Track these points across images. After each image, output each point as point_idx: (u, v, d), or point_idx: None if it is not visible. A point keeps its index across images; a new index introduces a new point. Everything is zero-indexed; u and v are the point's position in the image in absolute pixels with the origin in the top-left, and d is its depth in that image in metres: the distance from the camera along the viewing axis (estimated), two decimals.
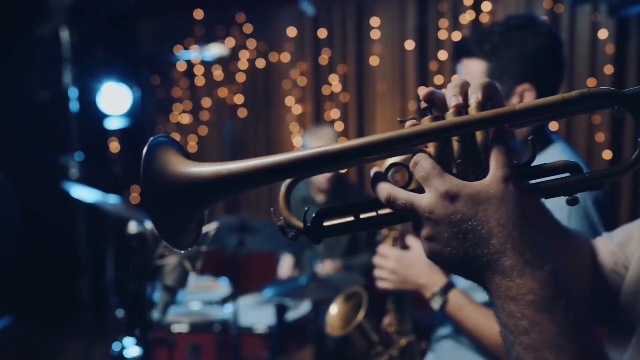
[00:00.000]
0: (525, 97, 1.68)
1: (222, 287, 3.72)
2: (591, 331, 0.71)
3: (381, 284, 1.81)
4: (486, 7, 3.75)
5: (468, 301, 1.69)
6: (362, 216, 0.82)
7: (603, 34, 3.42)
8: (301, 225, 0.82)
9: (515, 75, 1.67)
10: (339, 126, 4.40)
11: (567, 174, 0.79)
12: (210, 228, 1.62)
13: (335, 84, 4.40)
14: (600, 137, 3.55)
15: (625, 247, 1.08)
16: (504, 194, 0.74)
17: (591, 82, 3.54)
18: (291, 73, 4.59)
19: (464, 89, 0.80)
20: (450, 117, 0.77)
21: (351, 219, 0.82)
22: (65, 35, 4.03)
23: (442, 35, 3.92)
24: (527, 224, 0.74)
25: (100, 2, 3.85)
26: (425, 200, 0.75)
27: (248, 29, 4.70)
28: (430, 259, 0.77)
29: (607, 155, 3.55)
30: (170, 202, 0.79)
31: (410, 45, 4.05)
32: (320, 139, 3.59)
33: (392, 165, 0.82)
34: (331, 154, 0.78)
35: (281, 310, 3.09)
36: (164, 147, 0.81)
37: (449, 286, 1.72)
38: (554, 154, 1.71)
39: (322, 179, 3.62)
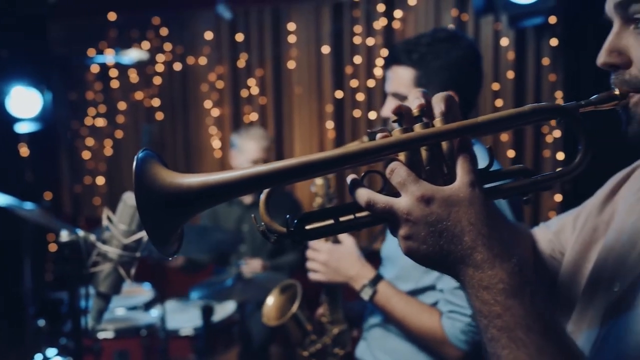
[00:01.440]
0: None
1: (145, 291, 3.71)
2: (552, 310, 0.83)
3: (313, 276, 1.93)
4: (397, 14, 3.93)
5: (395, 291, 1.83)
6: (342, 219, 0.90)
7: (504, 41, 3.67)
8: (283, 229, 0.90)
9: (440, 82, 1.84)
10: None
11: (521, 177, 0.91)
12: (145, 234, 1.66)
13: (252, 87, 4.47)
14: (504, 137, 3.82)
15: (560, 235, 1.24)
16: (472, 196, 0.84)
17: (495, 86, 3.80)
18: (208, 76, 4.62)
19: (427, 100, 0.90)
20: (419, 129, 0.87)
21: (331, 222, 0.90)
22: None
23: (357, 40, 4.08)
24: (493, 222, 0.84)
25: (8, 1, 3.71)
26: (402, 203, 0.84)
27: (164, 31, 4.69)
28: (407, 255, 0.87)
29: (511, 153, 3.81)
30: (162, 211, 0.84)
31: (325, 49, 4.18)
32: (253, 139, 3.66)
33: (367, 172, 0.92)
34: (314, 163, 0.86)
35: (207, 311, 3.13)
36: (150, 160, 0.87)
37: (378, 278, 1.86)
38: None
39: None
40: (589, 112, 0.91)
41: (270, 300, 2.16)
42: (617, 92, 0.90)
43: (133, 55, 3.37)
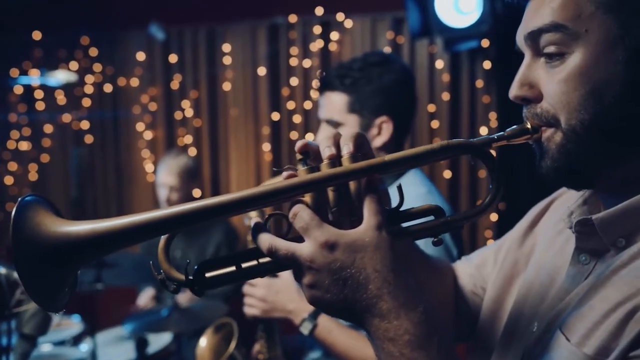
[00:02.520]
0: (383, 128, 1.82)
1: (74, 324, 3.53)
2: None
3: (250, 311, 1.85)
4: (334, 36, 3.93)
5: (336, 324, 1.77)
6: (244, 265, 0.84)
7: (439, 64, 3.73)
8: (182, 277, 0.83)
9: (374, 107, 1.81)
10: (192, 151, 4.36)
11: (432, 217, 0.88)
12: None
13: (187, 109, 4.36)
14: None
15: (482, 269, 1.20)
16: (378, 240, 0.80)
17: (430, 108, 3.84)
18: (141, 98, 4.48)
19: (336, 140, 0.86)
20: (325, 169, 0.83)
21: (233, 268, 0.84)
22: None
23: (293, 62, 4.04)
24: (400, 267, 0.80)
25: None
26: (305, 250, 0.79)
27: (93, 52, 4.52)
28: (312, 304, 0.82)
29: (447, 174, 3.85)
30: (46, 263, 0.77)
31: (262, 71, 4.13)
32: (162, 163, 3.59)
33: (271, 215, 0.86)
34: (212, 207, 0.80)
35: (141, 343, 2.99)
36: (34, 207, 0.80)
37: (317, 311, 1.79)
38: (413, 180, 1.85)
39: (160, 195, 3.61)
40: (503, 146, 0.89)
41: (204, 342, 2.05)
42: (529, 125, 0.87)
43: (60, 76, 3.22)
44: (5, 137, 4.86)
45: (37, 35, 4.61)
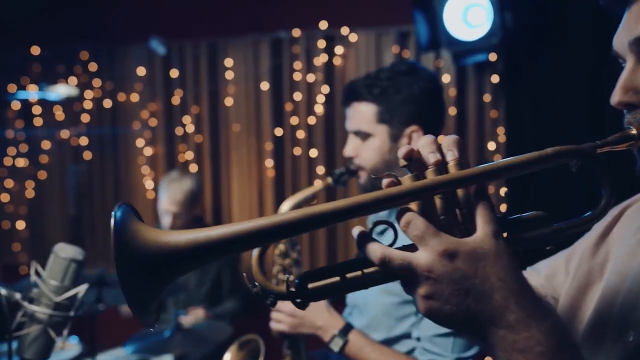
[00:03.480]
0: (413, 137, 1.78)
1: (72, 346, 3.42)
2: None
3: (277, 327, 1.79)
4: (338, 50, 3.88)
5: (368, 341, 1.71)
6: (348, 276, 0.81)
7: (446, 78, 3.67)
8: (282, 290, 0.80)
9: (404, 116, 1.79)
10: (193, 167, 4.29)
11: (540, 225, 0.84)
12: (80, 290, 1.47)
13: (188, 124, 4.29)
14: None
15: (552, 279, 1.17)
16: (497, 248, 0.76)
17: None
18: (141, 113, 4.41)
19: (438, 146, 0.83)
20: (432, 175, 0.79)
21: (337, 279, 0.81)
22: None
23: (297, 76, 3.98)
24: (523, 276, 0.77)
25: None
26: (423, 259, 0.76)
27: (93, 67, 4.45)
28: (427, 316, 0.78)
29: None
30: (146, 275, 0.75)
31: (264, 86, 4.06)
32: (165, 189, 3.51)
33: (376, 223, 0.83)
34: (320, 215, 0.77)
35: None
36: (129, 217, 0.78)
37: (348, 327, 1.72)
38: None
39: (164, 222, 3.51)
40: (605, 152, 0.86)
41: (228, 358, 1.96)
42: (633, 131, 0.85)
43: (61, 91, 3.14)
44: (2, 154, 4.77)
45: (35, 50, 4.55)
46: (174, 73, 4.28)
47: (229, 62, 4.14)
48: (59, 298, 1.46)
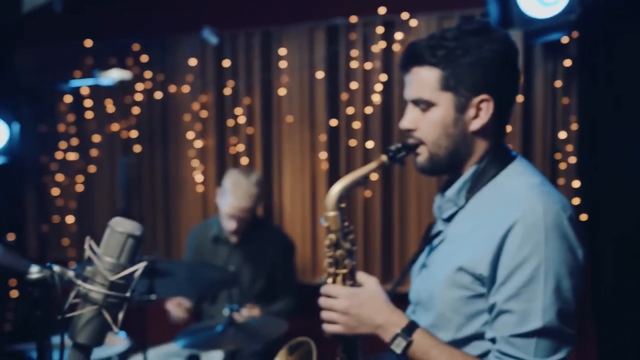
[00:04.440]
0: (482, 108, 1.56)
1: (120, 340, 3.32)
2: None
3: (330, 328, 1.57)
4: (398, 36, 3.70)
5: (435, 342, 1.50)
6: None
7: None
8: None
9: (472, 83, 1.54)
10: (244, 160, 4.16)
11: None
12: (137, 268, 1.32)
13: (239, 116, 4.17)
14: None
15: None
16: None
17: None
18: (192, 105, 4.30)
19: None
20: None
21: None
22: None
23: (353, 64, 3.82)
24: None
25: None
26: None
27: (144, 59, 4.38)
28: None
29: None
30: None
31: (319, 75, 3.91)
32: (233, 195, 3.29)
33: None
34: None
35: None
36: None
37: (412, 325, 1.52)
38: (522, 169, 1.59)
39: (228, 227, 3.35)
40: None
41: None
42: None
43: (114, 75, 3.04)
44: (53, 148, 4.75)
45: (88, 43, 4.51)
46: (226, 63, 4.16)
47: (282, 50, 4.00)
48: (115, 277, 1.31)
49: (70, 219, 4.74)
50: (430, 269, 1.64)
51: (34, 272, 1.31)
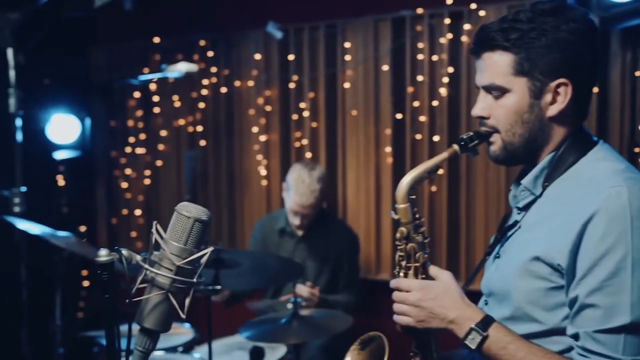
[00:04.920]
0: (560, 93, 1.47)
1: (184, 331, 3.37)
2: None
3: (403, 320, 1.52)
4: (466, 27, 3.59)
5: (512, 337, 1.42)
6: None
7: None
8: None
9: (548, 67, 1.45)
10: (308, 154, 4.15)
11: None
12: (204, 253, 1.31)
13: (304, 110, 4.15)
14: None
15: None
16: None
17: None
18: (256, 100, 4.32)
19: None
20: None
21: None
22: (11, 56, 3.67)
23: (419, 57, 3.74)
24: None
25: (52, 20, 3.50)
26: None
27: (210, 54, 4.43)
28: None
29: None
30: None
31: (385, 68, 3.85)
32: (297, 192, 3.25)
33: None
34: None
35: (257, 354, 2.75)
36: None
37: (488, 319, 1.45)
38: (605, 155, 1.51)
39: (293, 222, 3.33)
40: None
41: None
42: None
43: (181, 68, 3.08)
44: (123, 143, 4.87)
45: (156, 40, 4.59)
46: (291, 57, 4.16)
47: (347, 44, 3.97)
48: (181, 262, 1.31)
49: (138, 212, 4.85)
50: (504, 259, 1.57)
51: (103, 255, 1.33)
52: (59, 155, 4.44)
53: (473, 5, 3.55)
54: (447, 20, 3.64)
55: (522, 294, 1.45)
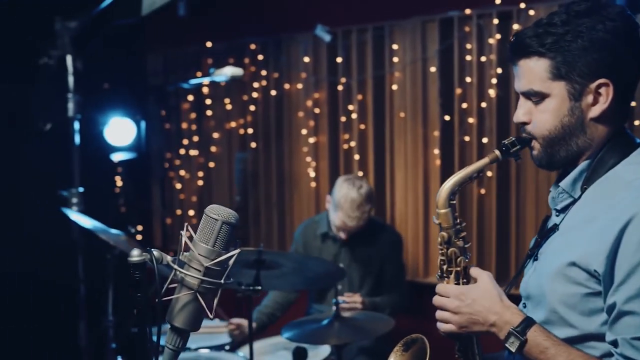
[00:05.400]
0: (601, 94, 1.44)
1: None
2: None
3: (444, 327, 1.52)
4: (515, 27, 3.53)
5: (552, 341, 1.39)
6: None
7: None
8: None
9: (587, 69, 1.42)
10: (356, 156, 4.16)
11: None
12: (231, 255, 1.35)
13: (352, 112, 4.17)
14: None
15: None
16: None
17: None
18: (305, 102, 4.37)
19: None
20: None
21: None
22: (70, 63, 3.83)
23: (468, 58, 3.70)
24: None
25: (105, 28, 3.65)
26: None
27: (260, 57, 4.50)
28: None
29: None
30: None
31: (432, 69, 3.82)
32: (343, 210, 3.20)
33: None
34: None
35: (300, 354, 2.78)
36: None
37: (528, 322, 1.43)
38: (637, 159, 1.46)
39: (339, 235, 3.34)
40: None
41: None
42: None
43: (227, 72, 3.16)
44: (178, 145, 5.01)
45: (208, 44, 4.70)
46: (339, 60, 4.18)
47: (395, 45, 3.96)
48: (209, 263, 1.34)
49: (191, 212, 4.97)
50: (541, 262, 1.54)
51: (135, 255, 1.38)
52: (117, 157, 4.60)
53: (522, 5, 3.49)
54: (496, 21, 3.59)
55: (557, 298, 1.43)
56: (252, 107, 4.60)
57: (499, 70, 3.61)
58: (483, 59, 3.66)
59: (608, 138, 1.48)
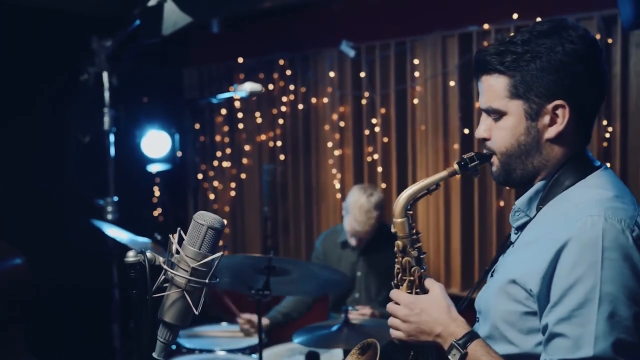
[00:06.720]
0: (558, 115, 1.45)
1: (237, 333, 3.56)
2: None
3: (393, 334, 1.54)
4: None
5: (491, 357, 1.42)
6: None
7: None
8: None
9: (544, 89, 1.43)
10: (379, 169, 4.25)
11: None
12: (215, 257, 1.48)
13: (375, 125, 4.27)
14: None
15: None
16: None
17: None
18: (331, 116, 4.50)
19: None
20: None
21: None
22: (106, 79, 4.06)
23: None
24: None
25: (136, 46, 3.87)
26: None
27: (288, 72, 4.66)
28: None
29: None
30: None
31: (452, 83, 3.90)
32: (353, 216, 3.33)
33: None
34: None
35: (312, 358, 2.89)
36: None
37: (470, 336, 1.44)
38: (598, 182, 1.47)
39: (351, 242, 3.44)
40: None
41: None
42: None
43: (247, 87, 3.33)
44: (212, 157, 5.20)
45: (240, 60, 4.89)
46: (363, 75, 4.30)
47: (416, 60, 4.05)
48: (196, 264, 1.48)
49: (224, 222, 5.13)
50: (494, 278, 1.57)
51: (130, 256, 1.52)
52: (153, 168, 4.81)
53: (539, 19, 3.53)
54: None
55: (498, 314, 1.46)
56: (280, 121, 4.76)
57: None
58: None
59: (565, 159, 1.48)
